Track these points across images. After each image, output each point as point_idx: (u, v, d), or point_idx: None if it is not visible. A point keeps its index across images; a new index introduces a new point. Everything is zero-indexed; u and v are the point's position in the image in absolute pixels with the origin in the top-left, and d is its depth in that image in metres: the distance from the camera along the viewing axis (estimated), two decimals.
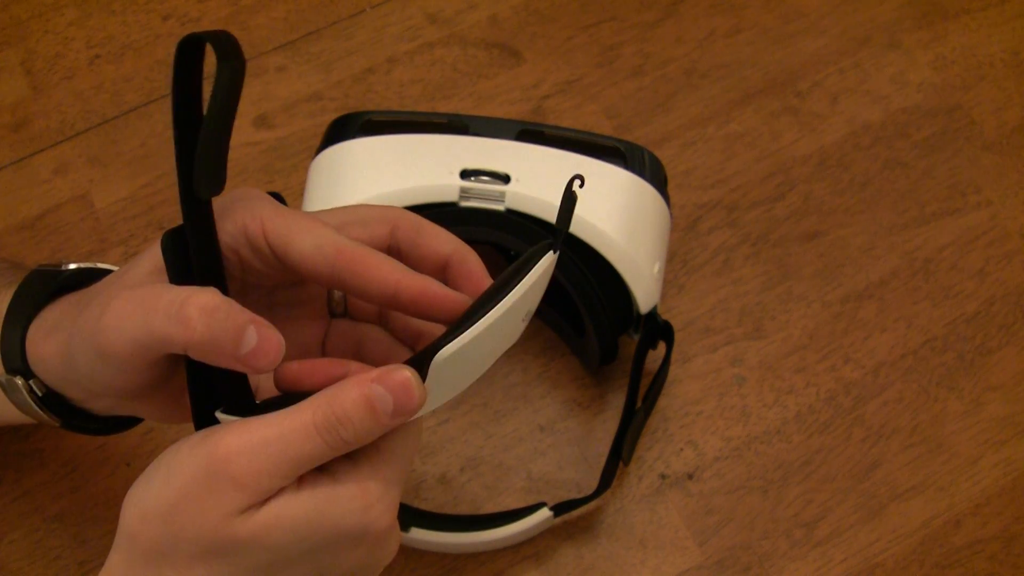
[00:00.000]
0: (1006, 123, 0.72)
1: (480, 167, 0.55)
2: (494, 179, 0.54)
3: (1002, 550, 0.60)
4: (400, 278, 0.36)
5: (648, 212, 0.57)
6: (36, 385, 0.41)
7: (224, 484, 0.33)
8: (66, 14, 0.73)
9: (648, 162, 0.58)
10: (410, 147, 0.55)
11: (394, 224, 0.39)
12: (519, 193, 0.54)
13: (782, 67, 0.73)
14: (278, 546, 0.34)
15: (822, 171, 0.70)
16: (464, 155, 0.55)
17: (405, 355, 0.40)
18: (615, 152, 0.57)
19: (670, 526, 0.60)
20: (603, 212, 0.55)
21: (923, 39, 0.74)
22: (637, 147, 0.58)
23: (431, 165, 0.55)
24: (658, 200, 0.58)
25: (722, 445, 0.62)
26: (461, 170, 0.54)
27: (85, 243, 0.66)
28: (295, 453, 0.34)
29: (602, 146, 0.57)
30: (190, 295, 0.34)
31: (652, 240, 0.57)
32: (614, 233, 0.55)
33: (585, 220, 0.54)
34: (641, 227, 0.56)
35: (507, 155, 0.55)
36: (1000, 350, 0.65)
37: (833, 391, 0.64)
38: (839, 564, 0.59)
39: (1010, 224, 0.69)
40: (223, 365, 0.34)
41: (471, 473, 0.61)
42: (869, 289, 0.66)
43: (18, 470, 0.60)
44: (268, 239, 0.37)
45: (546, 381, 0.63)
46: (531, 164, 0.55)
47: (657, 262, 0.57)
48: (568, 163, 0.56)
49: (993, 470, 0.62)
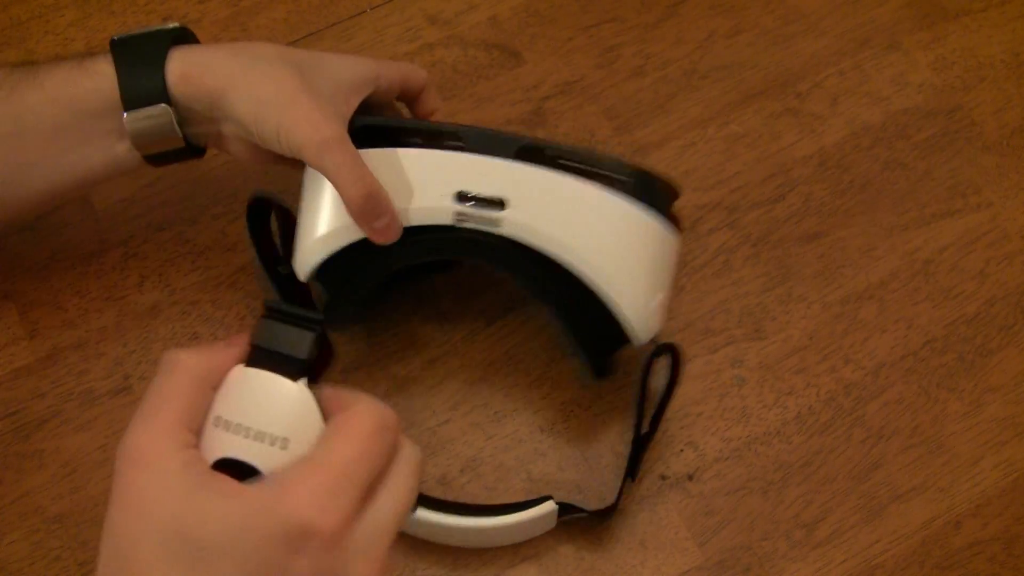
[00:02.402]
0: (1006, 124, 0.72)
1: (476, 190, 0.52)
2: (489, 205, 0.52)
3: (1002, 551, 0.60)
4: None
5: (648, 244, 0.55)
6: (172, 108, 0.52)
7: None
8: (66, 15, 0.73)
9: (657, 189, 0.55)
10: (404, 164, 0.53)
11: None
12: (515, 221, 0.52)
13: (782, 68, 0.73)
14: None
15: (822, 172, 0.70)
16: (460, 175, 0.53)
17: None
18: (618, 177, 0.54)
19: (670, 527, 0.60)
20: (595, 244, 0.53)
21: (923, 40, 0.74)
22: (643, 173, 0.54)
23: (425, 185, 0.53)
24: (661, 231, 0.55)
25: (722, 446, 0.62)
26: (456, 192, 0.52)
27: (85, 244, 0.66)
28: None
29: (605, 171, 0.54)
30: (367, 174, 0.50)
31: (651, 272, 0.55)
32: (605, 266, 0.53)
33: (576, 251, 0.52)
34: (638, 260, 0.54)
35: (504, 177, 0.53)
36: (1000, 351, 0.65)
37: (833, 392, 0.64)
38: (839, 565, 0.59)
39: (1010, 225, 0.69)
40: (360, 227, 0.51)
41: (471, 474, 0.61)
42: (869, 290, 0.66)
43: (18, 471, 0.60)
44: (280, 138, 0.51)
45: (546, 382, 0.63)
46: (528, 189, 0.53)
47: (659, 294, 0.55)
48: (566, 189, 0.53)
49: (993, 471, 0.62)
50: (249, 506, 0.33)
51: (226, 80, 0.51)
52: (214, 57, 0.52)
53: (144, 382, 0.62)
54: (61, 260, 0.65)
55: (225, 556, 0.33)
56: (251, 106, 0.50)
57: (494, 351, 0.64)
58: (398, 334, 0.64)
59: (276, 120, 0.49)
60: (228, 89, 0.50)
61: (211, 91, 0.51)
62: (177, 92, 0.51)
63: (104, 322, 0.64)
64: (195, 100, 0.51)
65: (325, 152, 0.49)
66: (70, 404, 0.61)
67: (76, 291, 0.64)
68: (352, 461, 0.35)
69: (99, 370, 0.62)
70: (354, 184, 0.49)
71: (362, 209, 0.50)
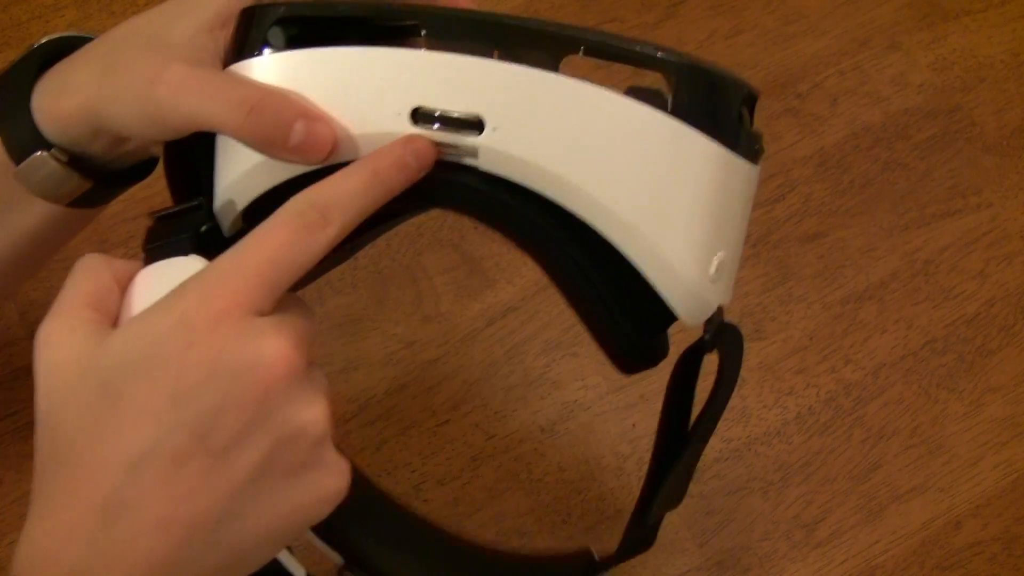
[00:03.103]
0: (1006, 124, 0.72)
1: (440, 106, 0.36)
2: (461, 127, 0.36)
3: (1002, 551, 0.60)
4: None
5: (703, 179, 0.37)
6: (58, 154, 0.42)
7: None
8: (66, 15, 0.73)
9: (718, 93, 0.38)
10: (338, 70, 0.37)
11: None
12: (499, 150, 0.36)
13: (782, 68, 0.73)
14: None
15: (822, 172, 0.70)
16: (418, 84, 0.36)
17: None
18: (655, 67, 0.36)
19: (670, 527, 0.60)
20: (623, 186, 0.36)
21: (923, 40, 0.74)
22: (695, 68, 0.37)
23: (368, 101, 0.36)
24: (723, 158, 0.37)
25: (722, 446, 0.62)
26: (412, 109, 0.36)
27: (85, 244, 0.66)
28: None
29: (638, 61, 0.37)
30: (240, 89, 0.36)
31: (705, 221, 0.37)
32: (632, 215, 0.36)
33: (587, 193, 0.36)
34: (684, 203, 0.37)
35: (483, 84, 0.36)
36: (1000, 351, 0.65)
37: (833, 392, 0.64)
38: (839, 565, 0.59)
39: (1010, 225, 0.69)
40: (275, 157, 0.36)
41: (471, 475, 0.61)
42: (869, 290, 0.66)
43: (19, 471, 0.60)
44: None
45: (547, 382, 0.63)
46: (518, 101, 0.36)
47: (719, 253, 0.38)
48: (575, 98, 0.37)
49: (993, 471, 0.62)
50: (142, 319, 0.32)
51: (86, 96, 0.41)
52: (73, 73, 0.42)
53: None
54: (61, 260, 0.65)
55: (123, 372, 0.31)
56: (122, 108, 0.39)
57: (494, 351, 0.64)
58: (398, 334, 0.64)
59: (141, 109, 0.39)
60: (96, 105, 0.40)
61: (79, 116, 0.41)
62: (50, 130, 0.41)
63: None
64: (72, 131, 0.41)
65: (181, 97, 0.37)
66: None
67: None
68: (256, 259, 0.32)
69: None
70: (228, 106, 0.36)
71: (255, 129, 0.36)
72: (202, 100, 0.37)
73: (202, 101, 0.37)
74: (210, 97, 0.37)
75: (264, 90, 0.36)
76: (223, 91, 0.37)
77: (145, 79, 0.38)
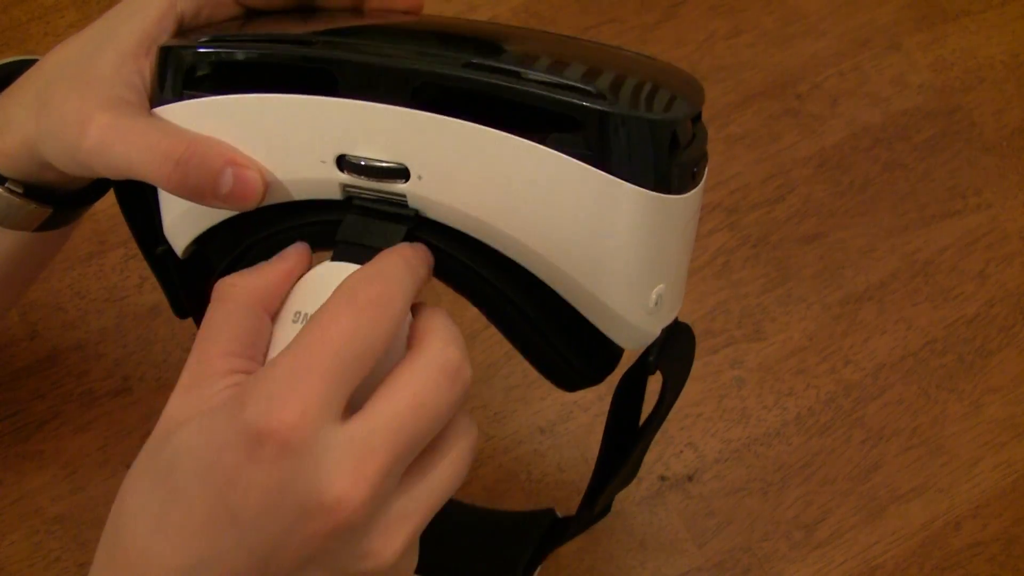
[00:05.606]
0: (1006, 125, 0.72)
1: (363, 153, 0.35)
2: (386, 175, 0.35)
3: (1002, 552, 0.60)
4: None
5: (632, 229, 0.35)
6: (12, 186, 0.41)
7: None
8: (66, 15, 0.73)
9: (638, 137, 0.33)
10: (266, 118, 0.36)
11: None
12: (426, 197, 0.35)
13: (782, 69, 0.73)
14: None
15: (822, 173, 0.70)
16: (340, 132, 0.35)
17: None
18: (574, 119, 0.33)
19: (670, 528, 0.60)
20: (550, 235, 0.35)
21: (923, 41, 0.74)
22: (610, 117, 0.33)
23: (296, 148, 0.36)
24: (654, 203, 0.35)
25: (722, 447, 0.62)
26: (337, 156, 0.35)
27: (85, 245, 0.66)
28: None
29: (551, 108, 0.33)
30: (165, 141, 0.35)
31: (643, 265, 0.36)
32: (563, 260, 0.35)
33: (527, 247, 0.35)
34: (618, 254, 0.35)
35: (402, 131, 0.34)
36: (1000, 352, 0.65)
37: (833, 393, 0.64)
38: (839, 566, 0.59)
39: (1010, 226, 0.69)
40: (207, 205, 0.36)
41: (470, 475, 0.61)
42: (869, 291, 0.66)
43: (18, 472, 0.60)
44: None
45: (546, 383, 0.63)
46: (439, 148, 0.34)
47: (658, 286, 0.37)
48: (496, 148, 0.34)
49: (993, 472, 0.62)
50: (211, 417, 0.30)
51: (25, 135, 0.40)
52: (12, 108, 0.41)
53: (144, 383, 0.62)
54: (61, 261, 0.65)
55: (186, 470, 0.30)
56: (55, 151, 0.39)
57: (494, 351, 0.64)
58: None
59: (72, 157, 0.38)
60: (35, 143, 0.39)
61: (23, 152, 0.40)
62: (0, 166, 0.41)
63: (104, 323, 0.64)
64: (20, 166, 0.41)
65: (107, 149, 0.36)
66: (70, 405, 0.62)
67: (76, 292, 0.64)
68: (323, 353, 0.30)
69: (99, 371, 0.62)
70: (154, 158, 0.35)
71: (184, 181, 0.35)
72: (128, 152, 0.36)
73: (128, 153, 0.36)
74: (137, 149, 0.36)
75: (189, 139, 0.36)
76: (148, 143, 0.36)
77: (73, 127, 0.37)
